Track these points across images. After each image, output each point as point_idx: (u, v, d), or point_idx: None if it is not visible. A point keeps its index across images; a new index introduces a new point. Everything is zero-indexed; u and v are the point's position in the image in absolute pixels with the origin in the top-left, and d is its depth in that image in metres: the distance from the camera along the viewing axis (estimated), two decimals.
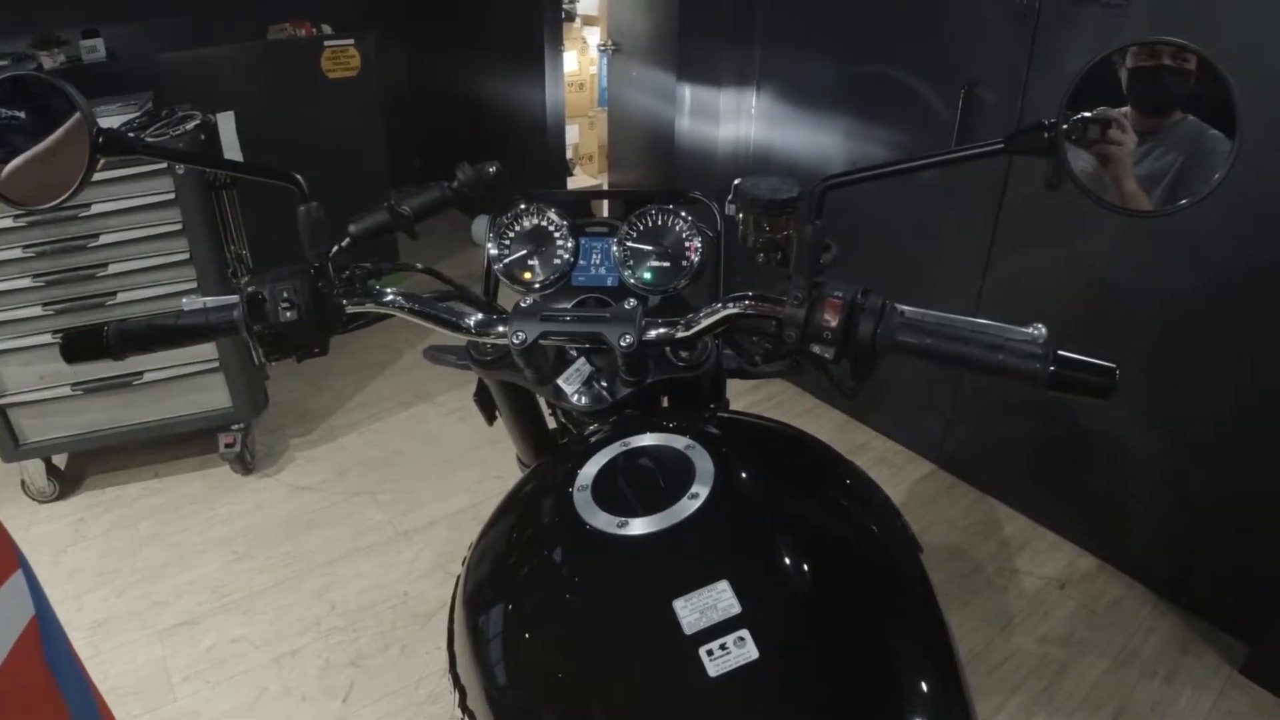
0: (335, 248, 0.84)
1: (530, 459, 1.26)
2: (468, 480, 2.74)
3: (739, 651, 0.59)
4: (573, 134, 5.31)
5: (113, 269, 2.35)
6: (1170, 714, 1.94)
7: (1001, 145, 0.73)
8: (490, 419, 1.21)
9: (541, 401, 1.17)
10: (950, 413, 2.68)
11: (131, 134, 0.77)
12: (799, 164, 2.88)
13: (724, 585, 0.62)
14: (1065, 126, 0.70)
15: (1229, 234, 1.88)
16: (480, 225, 4.24)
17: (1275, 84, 1.71)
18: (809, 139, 2.85)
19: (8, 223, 2.21)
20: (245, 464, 2.73)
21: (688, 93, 3.24)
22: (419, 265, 0.95)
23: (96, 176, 0.81)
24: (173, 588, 2.30)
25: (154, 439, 2.65)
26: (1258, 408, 1.96)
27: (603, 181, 5.08)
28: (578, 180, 5.26)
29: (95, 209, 2.25)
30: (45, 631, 0.65)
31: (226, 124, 3.00)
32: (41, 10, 3.47)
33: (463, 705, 0.72)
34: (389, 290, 0.88)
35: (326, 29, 3.64)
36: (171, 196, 2.29)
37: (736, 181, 0.90)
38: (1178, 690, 2.00)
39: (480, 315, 0.92)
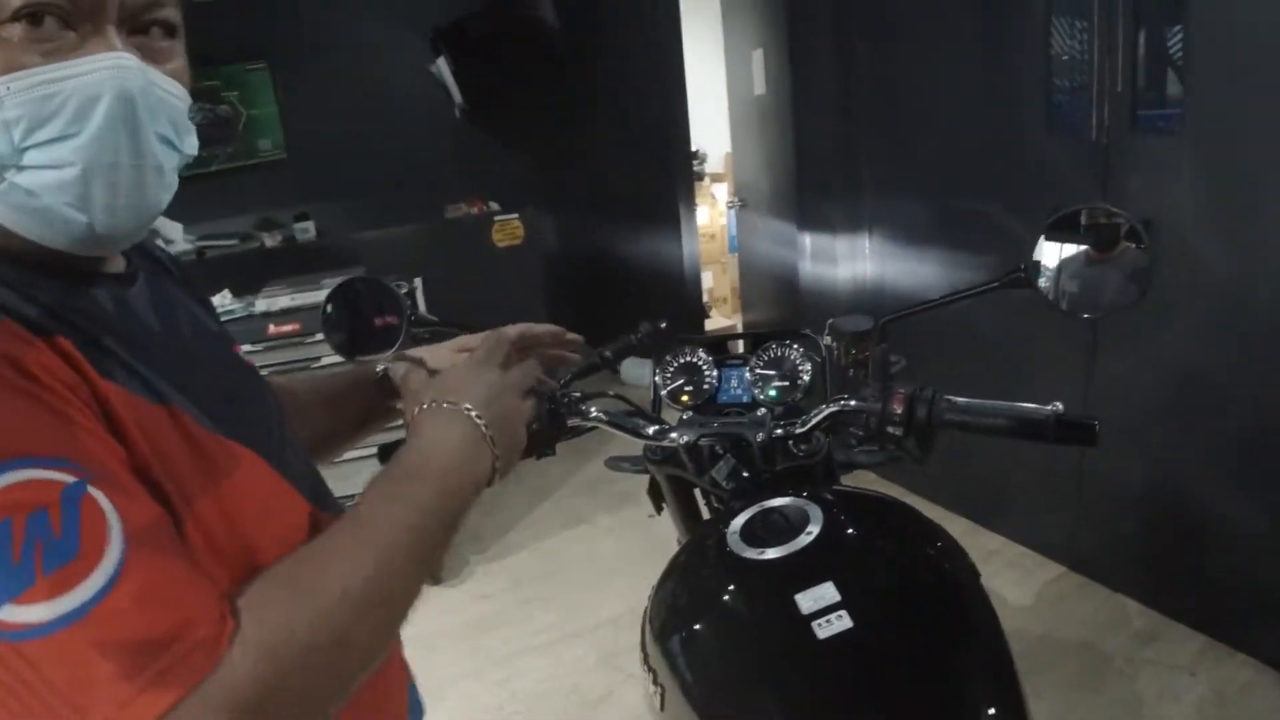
0: (563, 380, 1.25)
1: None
2: (623, 589, 3.01)
3: (839, 623, 0.90)
4: (707, 279, 5.77)
5: None
6: None
7: (997, 284, 1.07)
8: (658, 508, 1.57)
9: (698, 494, 1.53)
10: (1077, 512, 2.82)
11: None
12: (909, 292, 3.20)
13: (829, 585, 0.95)
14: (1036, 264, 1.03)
15: None
16: (629, 366, 4.70)
17: None
18: (914, 269, 3.20)
19: None
20: (435, 578, 3.16)
21: (808, 240, 3.67)
22: (611, 393, 1.35)
23: None
24: None
25: None
26: None
27: (737, 321, 5.50)
28: (715, 321, 5.69)
29: None
30: None
31: (418, 289, 3.63)
32: (258, 196, 4.24)
33: (655, 682, 1.06)
34: (593, 408, 1.28)
35: (494, 205, 4.32)
36: None
37: (830, 320, 1.27)
38: None
39: (656, 426, 1.31)
